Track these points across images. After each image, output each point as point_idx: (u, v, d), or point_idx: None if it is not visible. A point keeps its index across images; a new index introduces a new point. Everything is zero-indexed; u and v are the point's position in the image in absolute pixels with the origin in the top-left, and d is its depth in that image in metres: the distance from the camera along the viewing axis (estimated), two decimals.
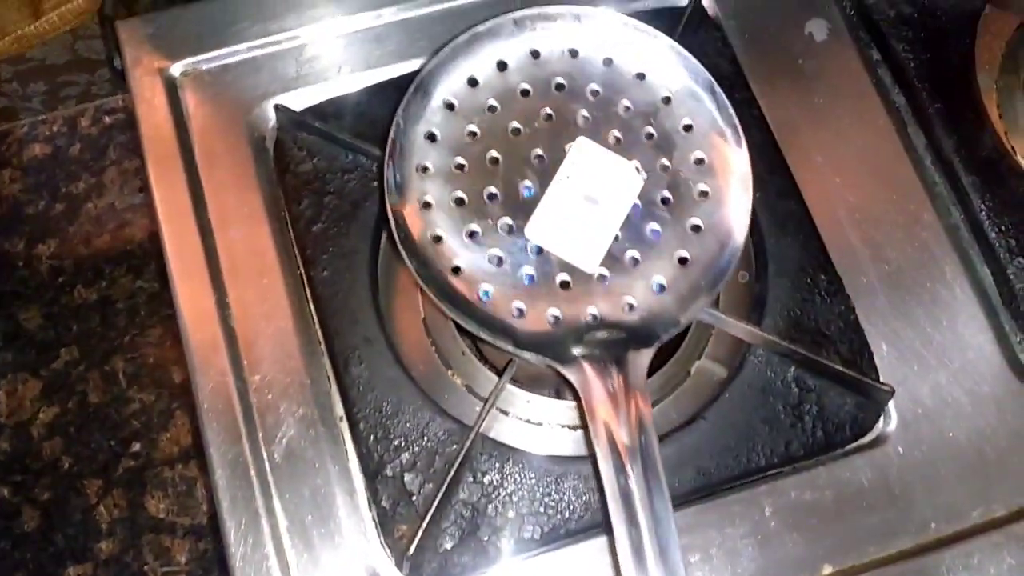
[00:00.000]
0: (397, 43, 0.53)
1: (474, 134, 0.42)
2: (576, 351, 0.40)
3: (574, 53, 0.43)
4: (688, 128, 0.43)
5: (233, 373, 0.46)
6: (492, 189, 0.42)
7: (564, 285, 0.41)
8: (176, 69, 0.53)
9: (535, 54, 0.43)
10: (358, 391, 0.45)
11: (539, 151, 0.42)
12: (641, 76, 0.43)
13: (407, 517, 0.43)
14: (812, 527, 0.44)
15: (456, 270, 0.41)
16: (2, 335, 0.74)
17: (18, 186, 0.80)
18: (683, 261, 0.41)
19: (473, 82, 0.43)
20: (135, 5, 0.57)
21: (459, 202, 0.41)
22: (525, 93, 0.43)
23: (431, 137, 0.42)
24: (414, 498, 0.44)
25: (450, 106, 0.42)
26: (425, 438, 0.45)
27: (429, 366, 0.48)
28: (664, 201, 0.42)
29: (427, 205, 0.41)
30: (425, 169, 0.42)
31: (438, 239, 0.41)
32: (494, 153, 0.42)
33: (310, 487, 0.44)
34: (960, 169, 0.50)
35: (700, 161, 0.42)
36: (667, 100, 0.43)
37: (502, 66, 0.43)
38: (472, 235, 0.41)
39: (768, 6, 0.54)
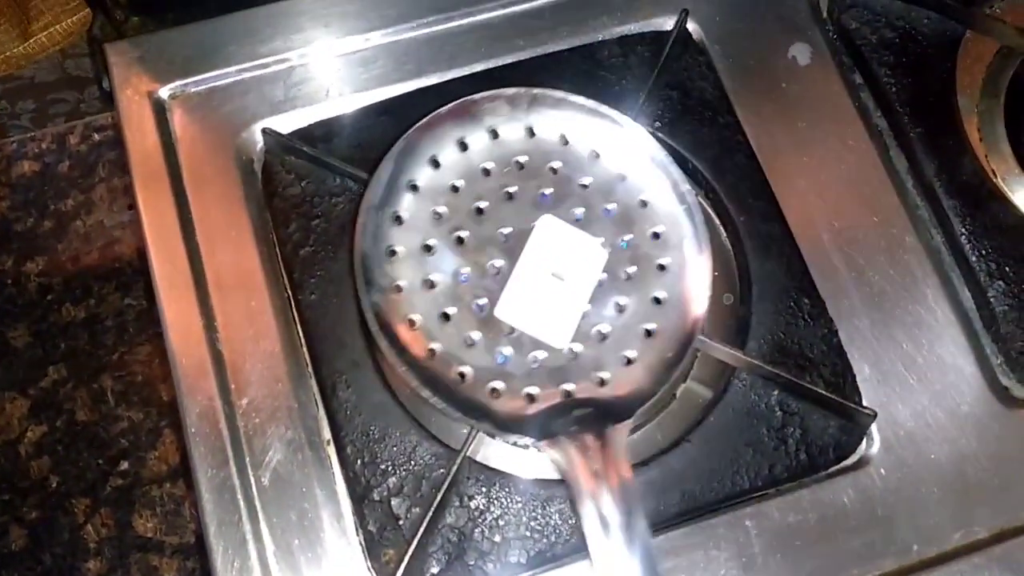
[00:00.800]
0: (384, 66, 0.54)
1: (439, 215, 0.43)
2: (555, 430, 0.40)
3: (531, 132, 0.44)
4: (644, 204, 0.43)
5: (220, 397, 0.46)
6: (461, 269, 0.42)
7: (537, 363, 0.41)
8: (164, 92, 0.53)
9: (494, 133, 0.44)
10: (345, 415, 0.46)
11: (504, 229, 0.43)
12: (595, 155, 0.44)
13: (394, 541, 0.43)
14: (796, 549, 0.44)
15: (431, 353, 0.41)
16: None
17: (6, 203, 0.80)
18: (648, 333, 0.42)
19: (435, 163, 0.43)
20: (123, 27, 0.57)
21: (429, 284, 0.42)
22: (487, 172, 0.43)
23: (398, 219, 0.42)
24: (401, 522, 0.44)
25: (414, 187, 0.43)
26: (412, 462, 0.45)
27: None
28: (627, 275, 0.43)
29: (399, 288, 0.41)
30: (394, 252, 0.42)
31: (412, 323, 0.41)
32: (461, 233, 0.42)
33: (297, 511, 0.45)
34: (941, 192, 0.51)
35: (656, 235, 0.43)
36: (622, 177, 0.44)
37: (463, 146, 0.43)
38: (444, 317, 0.41)
39: (752, 31, 0.55)
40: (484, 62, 0.54)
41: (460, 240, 0.42)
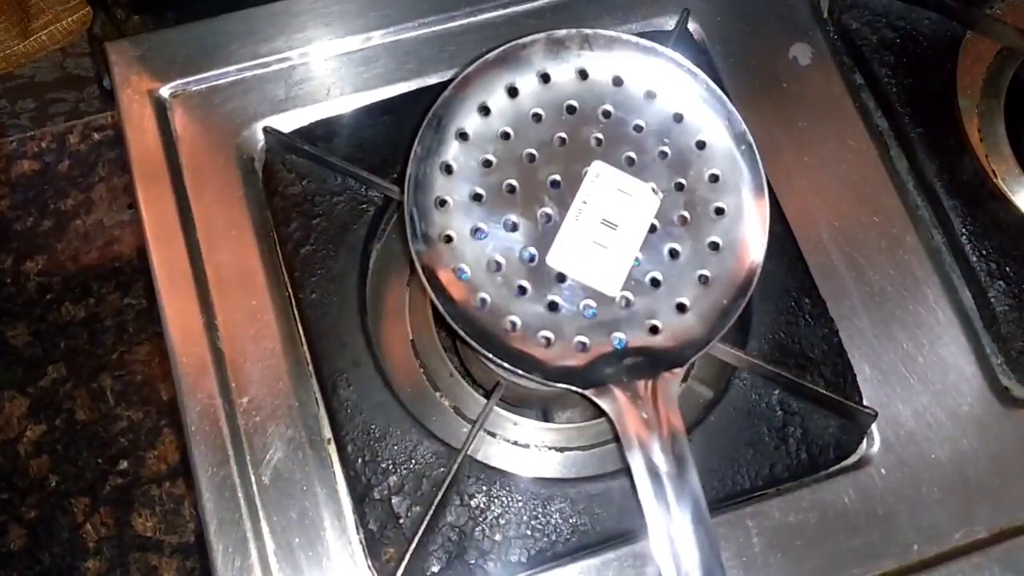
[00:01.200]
0: (385, 65, 0.54)
1: (489, 163, 0.41)
2: (606, 378, 0.39)
3: (583, 75, 0.42)
4: (701, 145, 0.42)
5: (221, 395, 0.46)
6: (512, 218, 0.41)
7: (588, 311, 0.40)
8: (165, 91, 0.53)
9: (545, 78, 0.42)
10: (346, 414, 0.46)
11: (555, 176, 0.41)
12: (651, 95, 0.42)
13: (395, 540, 0.43)
14: (796, 549, 0.44)
15: (482, 303, 0.40)
16: None
17: (6, 203, 0.79)
18: (704, 280, 0.41)
19: (485, 110, 0.42)
20: (124, 26, 0.57)
21: (480, 234, 0.41)
22: (537, 118, 0.42)
23: (447, 169, 0.41)
24: (402, 521, 0.44)
25: (464, 136, 0.42)
26: (413, 461, 0.45)
27: (417, 388, 0.48)
28: (681, 220, 0.41)
29: (448, 239, 0.40)
30: (443, 203, 0.41)
31: (461, 272, 0.40)
32: (511, 181, 0.41)
33: (298, 510, 0.45)
34: (942, 192, 0.51)
35: (715, 178, 0.42)
36: (679, 118, 0.42)
37: (513, 92, 0.42)
38: (494, 266, 0.40)
39: (753, 31, 0.55)
40: None
41: (511, 188, 0.41)
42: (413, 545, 0.42)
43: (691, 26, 0.54)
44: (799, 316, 0.48)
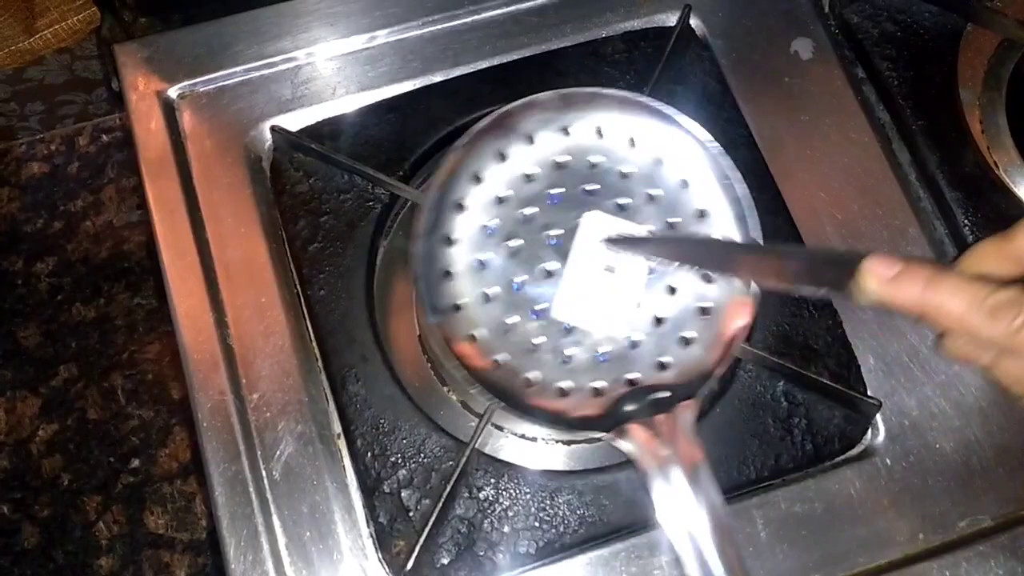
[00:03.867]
0: (390, 64, 0.54)
1: (489, 228, 0.43)
2: (624, 419, 0.40)
3: (566, 131, 0.44)
4: (685, 184, 0.43)
5: (232, 391, 0.47)
6: (516, 278, 0.42)
7: (600, 356, 0.42)
8: (173, 91, 0.53)
9: (530, 139, 0.44)
10: (355, 408, 0.46)
11: (552, 231, 0.43)
12: (632, 142, 0.44)
13: (404, 533, 0.44)
14: (802, 538, 0.45)
15: (496, 364, 0.41)
16: (0, 353, 0.75)
17: (16, 204, 0.80)
18: (705, 311, 0.42)
19: (477, 178, 0.43)
20: (132, 28, 0.58)
21: (487, 298, 0.42)
22: (529, 178, 0.44)
23: (448, 240, 0.43)
24: (411, 514, 0.44)
25: (460, 207, 0.43)
26: (422, 454, 0.45)
27: (425, 383, 0.49)
28: None
29: (457, 307, 0.42)
30: (448, 273, 0.42)
31: (473, 338, 0.41)
32: (511, 242, 0.43)
33: (308, 504, 0.45)
34: (944, 184, 0.51)
35: (702, 213, 0.43)
36: (660, 161, 0.44)
37: (502, 157, 0.44)
38: (505, 327, 0.42)
39: (755, 26, 0.55)
40: (489, 59, 0.54)
41: (512, 249, 0.43)
42: (423, 537, 0.43)
43: (693, 22, 0.55)
44: (803, 308, 0.48)
